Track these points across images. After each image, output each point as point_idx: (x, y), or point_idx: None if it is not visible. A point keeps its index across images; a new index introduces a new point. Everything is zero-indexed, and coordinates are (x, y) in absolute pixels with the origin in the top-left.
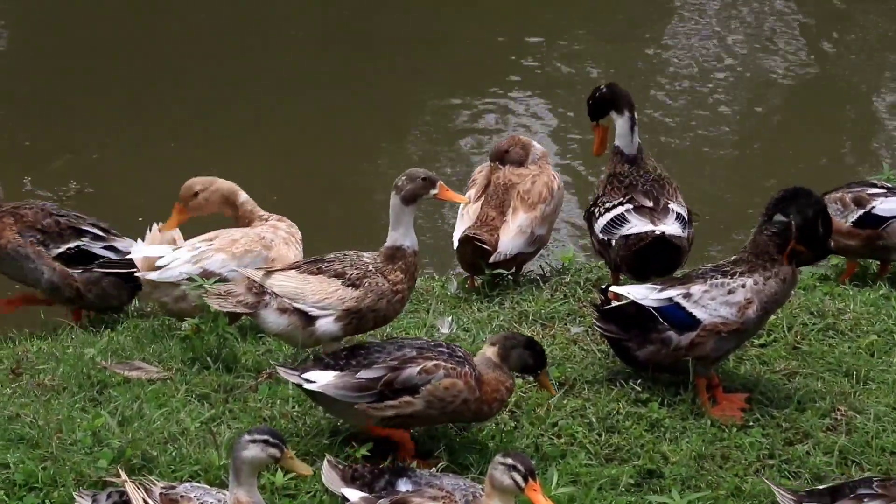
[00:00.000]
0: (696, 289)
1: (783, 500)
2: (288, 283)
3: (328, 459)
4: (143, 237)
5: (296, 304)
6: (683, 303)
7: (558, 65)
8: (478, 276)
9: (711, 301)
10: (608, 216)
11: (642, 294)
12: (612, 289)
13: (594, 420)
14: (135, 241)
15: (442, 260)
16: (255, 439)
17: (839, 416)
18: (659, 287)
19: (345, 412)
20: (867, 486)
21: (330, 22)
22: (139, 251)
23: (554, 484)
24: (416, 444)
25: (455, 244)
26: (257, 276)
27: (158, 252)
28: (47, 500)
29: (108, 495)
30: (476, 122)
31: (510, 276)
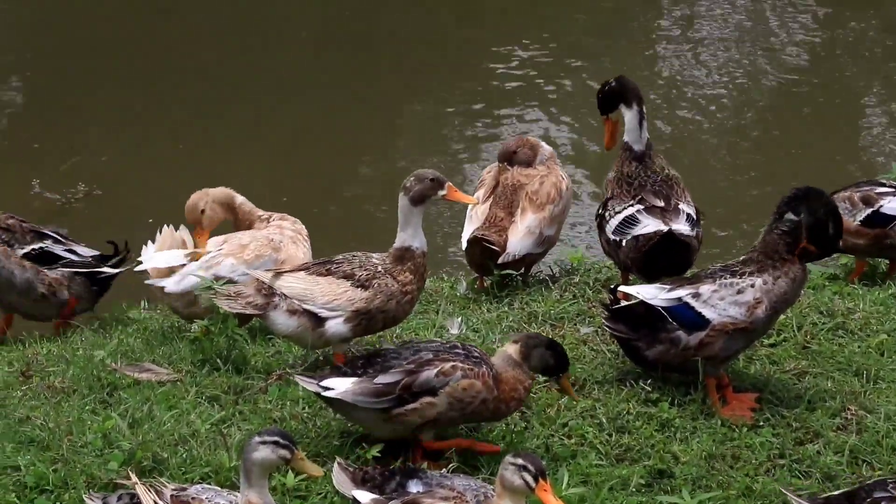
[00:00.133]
0: (705, 288)
1: None
2: (297, 284)
3: (338, 462)
4: (153, 239)
5: (305, 306)
6: (693, 302)
7: (563, 64)
8: (487, 276)
9: (720, 301)
10: (619, 217)
11: (651, 294)
12: (621, 289)
13: (604, 420)
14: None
15: (451, 261)
16: (266, 441)
17: (849, 416)
18: (668, 287)
19: (365, 419)
20: (882, 488)
21: (330, 22)
22: (149, 260)
23: (564, 484)
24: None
25: (464, 245)
26: (266, 277)
27: (168, 261)
28: (58, 503)
29: (119, 497)
30: (478, 124)
31: (519, 277)
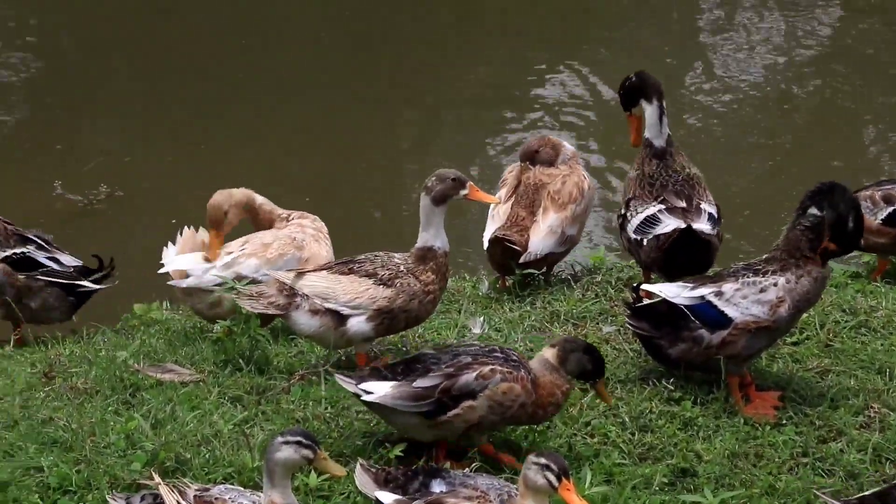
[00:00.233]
0: (727, 287)
1: None
2: (319, 283)
3: (361, 463)
4: (174, 241)
5: (327, 304)
6: (715, 301)
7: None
8: (509, 276)
9: (743, 299)
10: (641, 216)
11: (674, 292)
12: (643, 287)
13: (627, 419)
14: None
15: (473, 260)
16: (289, 441)
17: (872, 414)
18: (691, 285)
19: (407, 423)
20: None
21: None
22: (171, 262)
23: (587, 483)
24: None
25: (485, 245)
26: (288, 278)
27: (189, 263)
28: (81, 503)
29: (142, 498)
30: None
31: (541, 276)
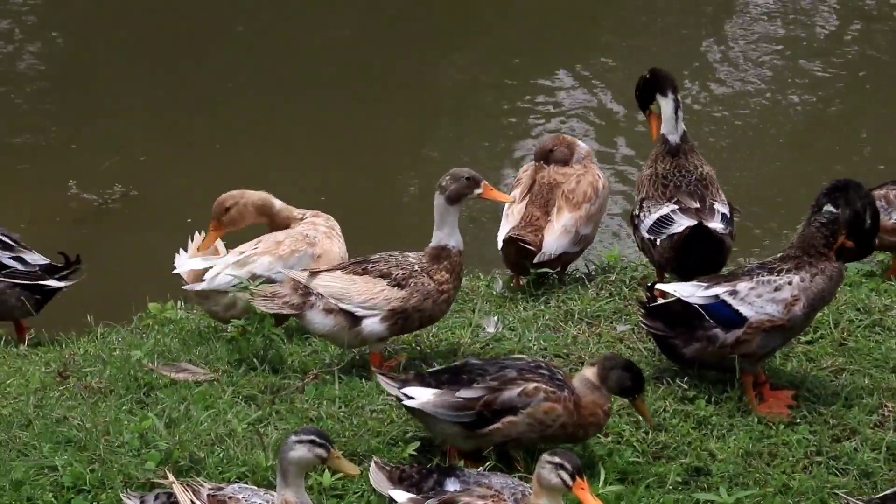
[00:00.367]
0: (742, 286)
1: None
2: (333, 283)
3: (375, 461)
4: (186, 245)
5: (342, 305)
6: (730, 300)
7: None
8: (523, 276)
9: (758, 298)
10: (654, 216)
11: (689, 291)
12: (658, 286)
13: (641, 418)
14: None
15: (487, 259)
16: (302, 440)
17: (886, 413)
18: (705, 284)
19: (446, 431)
20: None
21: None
22: (183, 265)
23: (601, 482)
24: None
25: (499, 244)
26: (303, 277)
27: (202, 265)
28: (95, 502)
29: (156, 497)
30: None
31: (555, 275)
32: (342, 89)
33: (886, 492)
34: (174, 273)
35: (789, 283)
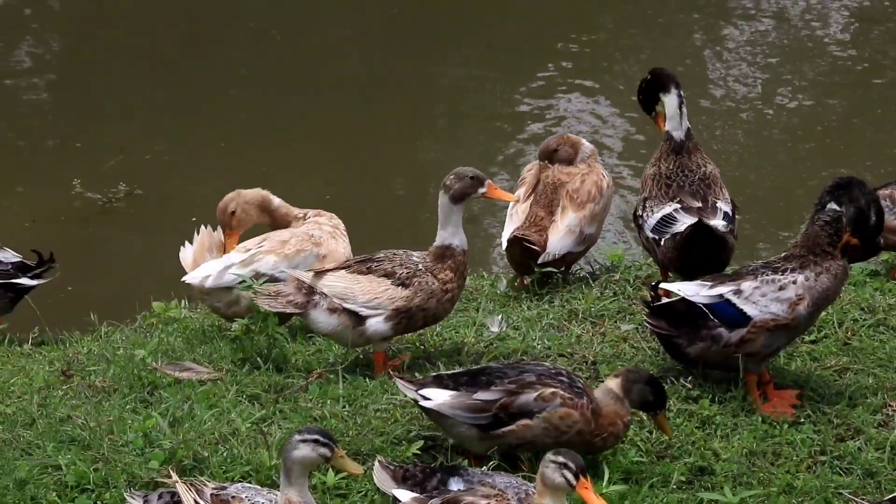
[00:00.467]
0: (746, 285)
1: None
2: (338, 283)
3: (379, 460)
4: (191, 240)
5: (346, 305)
6: (734, 299)
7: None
8: (527, 275)
9: (762, 297)
10: (658, 215)
11: (693, 291)
12: (662, 286)
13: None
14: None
15: (491, 258)
16: (306, 439)
17: (891, 412)
18: (709, 284)
19: (461, 433)
20: None
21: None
22: (195, 274)
23: (605, 481)
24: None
25: (504, 244)
26: (307, 277)
27: (207, 271)
28: (99, 502)
29: (160, 496)
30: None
31: (559, 275)
32: (345, 88)
33: (894, 494)
34: (184, 279)
35: (794, 283)
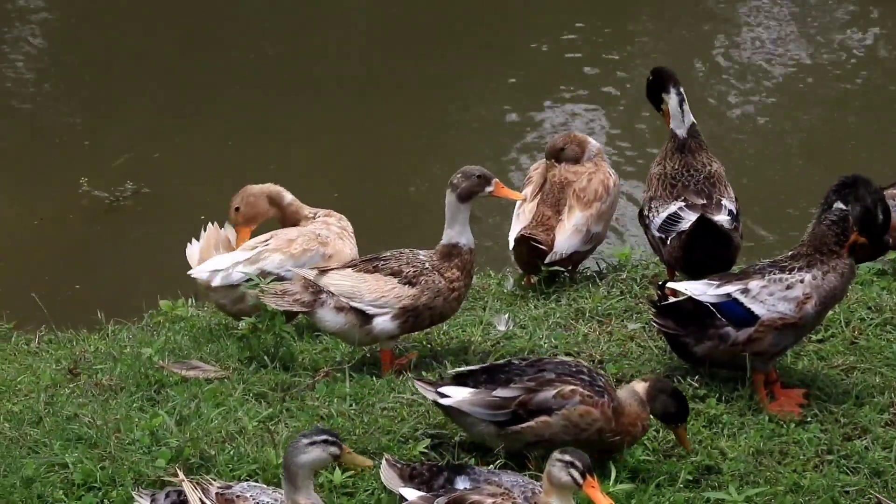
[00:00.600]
0: (754, 284)
1: None
2: (344, 281)
3: (386, 458)
4: (198, 237)
5: (353, 303)
6: (741, 298)
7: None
8: (534, 274)
9: (770, 296)
10: (663, 214)
11: (700, 290)
12: (669, 285)
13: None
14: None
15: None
16: (315, 441)
17: None
18: (717, 283)
19: (480, 430)
20: None
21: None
22: (200, 270)
23: (612, 480)
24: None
25: (511, 244)
26: (312, 275)
27: (214, 266)
28: (106, 500)
29: (167, 495)
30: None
31: (566, 274)
32: (353, 87)
33: None
34: (189, 273)
35: (801, 282)
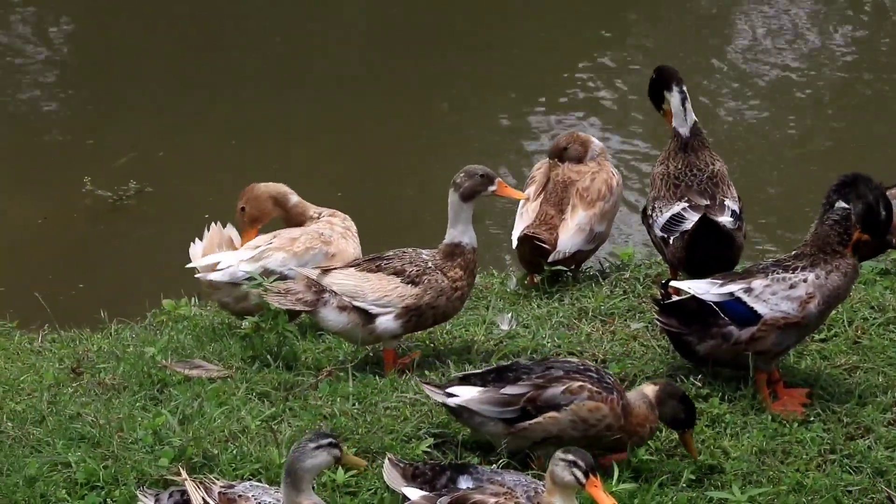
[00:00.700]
0: (757, 283)
1: None
2: (347, 281)
3: (389, 458)
4: (201, 237)
5: (355, 303)
6: (744, 297)
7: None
8: (537, 273)
9: (773, 296)
10: (667, 215)
11: (703, 289)
12: (672, 284)
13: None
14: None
15: (501, 256)
16: (321, 444)
17: None
18: (720, 282)
19: (489, 429)
20: None
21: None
22: (200, 261)
23: (615, 480)
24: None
25: (514, 243)
26: (315, 274)
27: (215, 259)
28: (109, 499)
29: (170, 495)
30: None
31: (569, 273)
32: (354, 87)
33: None
34: (188, 266)
35: (804, 281)
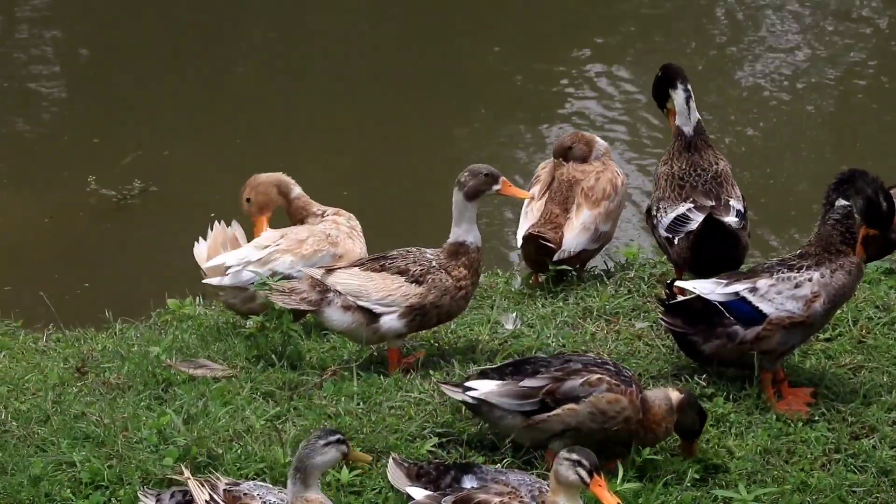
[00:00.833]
0: (762, 283)
1: None
2: (351, 280)
3: (394, 457)
4: (205, 236)
5: (360, 302)
6: (749, 297)
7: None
8: (542, 273)
9: (778, 295)
10: (672, 215)
11: (708, 288)
12: (677, 283)
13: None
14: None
15: (506, 256)
16: (329, 441)
17: None
18: (725, 281)
19: (507, 422)
20: None
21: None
22: (208, 264)
23: (619, 479)
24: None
25: (519, 242)
26: (319, 274)
27: (222, 261)
28: (113, 499)
29: (172, 495)
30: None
31: (574, 272)
32: (363, 85)
33: None
34: (194, 259)
35: (809, 280)
